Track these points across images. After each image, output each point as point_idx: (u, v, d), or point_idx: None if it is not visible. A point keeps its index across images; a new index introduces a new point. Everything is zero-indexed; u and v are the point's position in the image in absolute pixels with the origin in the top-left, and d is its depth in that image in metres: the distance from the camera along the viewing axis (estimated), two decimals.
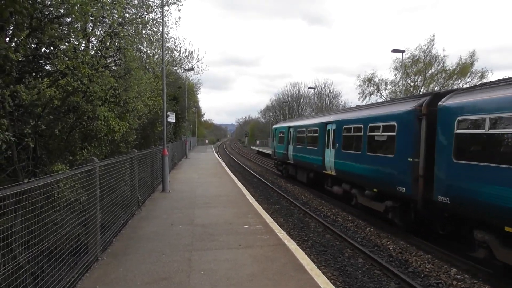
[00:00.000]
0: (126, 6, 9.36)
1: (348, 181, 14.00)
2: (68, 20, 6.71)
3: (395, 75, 47.30)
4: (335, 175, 15.02)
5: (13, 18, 5.63)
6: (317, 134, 17.51)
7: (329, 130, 16.07)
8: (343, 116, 15.04)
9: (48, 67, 7.31)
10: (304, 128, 20.11)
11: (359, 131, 12.85)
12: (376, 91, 48.02)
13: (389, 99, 33.53)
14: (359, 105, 37.50)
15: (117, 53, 9.01)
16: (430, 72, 44.86)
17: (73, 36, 6.92)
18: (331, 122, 15.88)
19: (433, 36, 45.64)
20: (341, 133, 14.43)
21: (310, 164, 18.46)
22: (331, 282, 5.85)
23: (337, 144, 14.68)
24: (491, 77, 41.65)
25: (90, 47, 8.24)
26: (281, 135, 25.63)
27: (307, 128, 19.49)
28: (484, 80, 38.65)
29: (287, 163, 23.98)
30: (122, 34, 8.53)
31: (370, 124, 12.10)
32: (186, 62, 24.80)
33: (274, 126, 30.22)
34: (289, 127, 23.60)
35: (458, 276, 7.81)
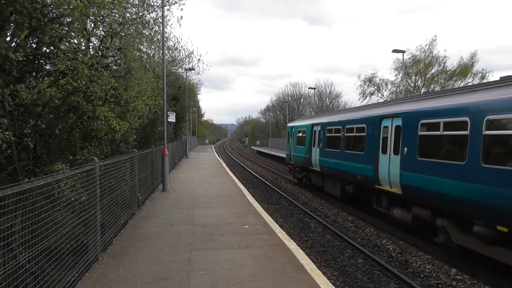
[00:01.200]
0: (127, 6, 9.36)
1: (427, 204, 9.35)
2: (68, 20, 6.71)
3: (395, 75, 47.37)
4: (401, 194, 10.26)
5: (13, 18, 5.63)
6: (363, 134, 12.79)
7: (385, 127, 11.50)
8: (417, 105, 10.08)
9: (48, 67, 7.31)
10: (339, 126, 15.06)
11: (460, 128, 8.17)
12: (376, 91, 48.08)
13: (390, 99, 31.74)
14: (434, 90, 32.69)
15: (118, 53, 9.01)
16: (430, 72, 44.91)
17: (73, 35, 6.92)
18: (392, 116, 11.14)
19: (435, 36, 45.60)
20: (415, 131, 9.71)
21: (349, 174, 13.71)
22: (331, 282, 5.85)
23: (405, 149, 10.00)
24: (492, 78, 41.69)
25: (90, 47, 8.24)
26: (300, 134, 20.43)
27: (344, 126, 14.47)
28: (485, 81, 38.68)
29: (310, 170, 18.72)
30: (123, 34, 8.54)
31: (491, 117, 7.31)
32: (187, 61, 24.84)
33: (291, 124, 23.85)
34: (313, 125, 18.38)
35: (458, 277, 7.82)
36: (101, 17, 7.79)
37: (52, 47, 6.75)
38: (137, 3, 10.52)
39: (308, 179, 19.62)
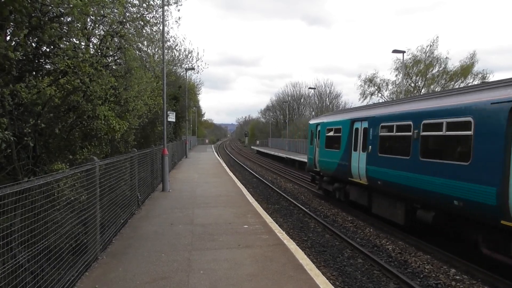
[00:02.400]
0: (127, 5, 9.37)
1: None
2: (68, 19, 6.72)
3: (396, 75, 47.37)
4: None
5: (13, 17, 5.64)
6: (466, 132, 8.04)
7: None
8: None
9: (48, 66, 7.32)
10: (407, 121, 10.08)
11: None
12: (377, 91, 48.00)
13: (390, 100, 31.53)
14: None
15: (118, 52, 9.01)
16: (431, 73, 44.91)
17: (73, 35, 6.93)
18: None
19: (437, 37, 45.51)
20: None
21: (431, 195, 8.92)
22: (330, 282, 5.85)
23: None
24: (492, 78, 41.74)
25: (90, 46, 8.25)
26: (332, 134, 15.59)
27: (419, 121, 9.50)
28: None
29: (349, 182, 13.80)
30: (123, 33, 8.54)
31: None
32: (186, 61, 24.82)
33: (315, 121, 18.64)
34: (354, 121, 13.51)
35: (457, 277, 7.82)
36: (101, 17, 7.80)
37: (52, 46, 6.76)
38: (136, 3, 10.52)
39: (343, 194, 14.64)
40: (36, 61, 6.96)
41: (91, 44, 8.49)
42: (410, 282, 7.35)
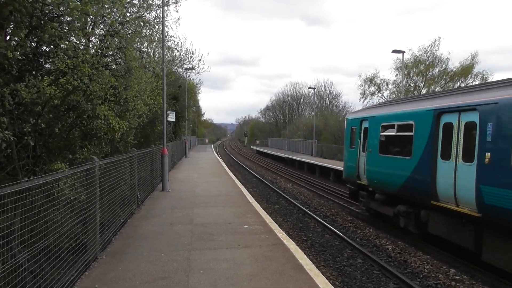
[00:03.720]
0: (126, 5, 9.38)
1: None
2: (68, 19, 6.72)
3: (396, 75, 47.27)
4: None
5: (13, 17, 5.64)
6: None
7: None
8: None
9: (48, 66, 7.32)
10: None
11: None
12: (377, 91, 47.89)
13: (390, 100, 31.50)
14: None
15: (117, 52, 9.02)
16: (431, 73, 44.88)
17: (73, 35, 6.93)
18: None
19: (439, 37, 45.51)
20: None
21: None
22: (330, 282, 5.85)
23: None
24: (492, 79, 41.70)
25: (90, 46, 8.26)
26: (391, 133, 10.96)
27: None
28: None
29: (429, 208, 9.08)
30: (123, 33, 8.56)
31: None
32: (187, 62, 24.85)
33: (357, 115, 13.73)
34: (441, 112, 8.81)
35: (457, 277, 7.83)
36: (101, 16, 7.80)
37: (52, 46, 6.76)
38: (136, 3, 10.54)
39: (414, 222, 9.96)
40: (36, 60, 6.96)
41: (91, 44, 8.49)
42: (410, 282, 7.35)
